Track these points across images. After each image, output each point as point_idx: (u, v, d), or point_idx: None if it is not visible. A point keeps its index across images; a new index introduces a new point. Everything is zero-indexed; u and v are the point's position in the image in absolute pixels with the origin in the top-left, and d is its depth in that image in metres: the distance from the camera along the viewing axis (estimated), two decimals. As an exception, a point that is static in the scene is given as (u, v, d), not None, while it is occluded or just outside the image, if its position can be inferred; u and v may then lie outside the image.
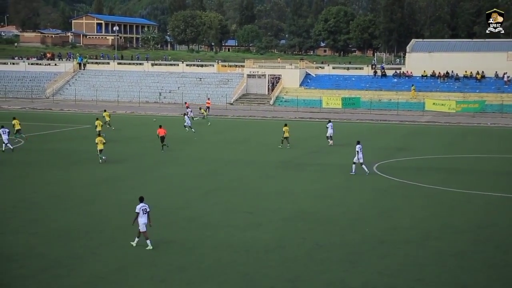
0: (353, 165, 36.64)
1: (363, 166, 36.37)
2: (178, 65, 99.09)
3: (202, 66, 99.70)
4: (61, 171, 36.83)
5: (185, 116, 57.23)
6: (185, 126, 55.28)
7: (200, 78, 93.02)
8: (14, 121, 47.67)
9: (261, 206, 28.74)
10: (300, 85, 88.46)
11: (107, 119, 56.27)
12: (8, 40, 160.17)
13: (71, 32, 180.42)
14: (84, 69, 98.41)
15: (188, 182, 34.30)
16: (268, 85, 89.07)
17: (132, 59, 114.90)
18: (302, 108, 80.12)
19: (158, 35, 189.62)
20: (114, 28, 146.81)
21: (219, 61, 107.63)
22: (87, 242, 22.65)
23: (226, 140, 51.67)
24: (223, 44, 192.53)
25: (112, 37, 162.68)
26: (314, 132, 52.06)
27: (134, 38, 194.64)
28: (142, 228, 21.95)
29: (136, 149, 45.66)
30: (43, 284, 18.79)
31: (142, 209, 22.00)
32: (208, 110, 74.62)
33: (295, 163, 40.71)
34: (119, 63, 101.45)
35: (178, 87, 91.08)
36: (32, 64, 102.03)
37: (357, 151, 36.26)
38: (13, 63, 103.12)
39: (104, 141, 39.58)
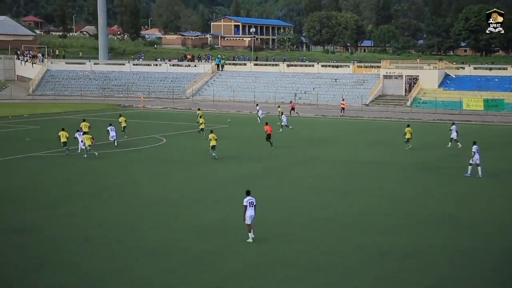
0: (469, 167, 35.62)
1: (479, 168, 35.28)
2: (313, 66, 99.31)
3: (337, 67, 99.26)
4: (200, 169, 37.95)
5: (282, 116, 57.32)
6: (282, 126, 55.71)
7: (335, 79, 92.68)
8: (120, 118, 50.78)
9: (398, 209, 28.15)
10: (439, 86, 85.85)
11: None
12: (151, 42, 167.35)
13: (209, 34, 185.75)
14: (222, 70, 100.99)
15: (325, 182, 34.24)
16: (405, 86, 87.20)
17: (267, 60, 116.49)
18: (440, 110, 77.66)
19: (294, 36, 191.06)
20: (251, 30, 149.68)
21: (355, 61, 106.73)
22: (225, 239, 23.16)
23: (362, 141, 51.11)
24: (359, 45, 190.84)
25: (249, 39, 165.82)
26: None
27: (270, 39, 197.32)
28: (248, 220, 22.57)
29: (270, 149, 46.16)
30: (185, 279, 19.40)
31: (249, 202, 22.58)
32: (343, 111, 74.20)
33: (432, 165, 39.54)
34: (255, 64, 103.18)
35: (313, 88, 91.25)
36: (173, 65, 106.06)
37: (474, 152, 35.30)
38: (156, 65, 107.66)
39: (216, 138, 41.00)
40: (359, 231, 24.45)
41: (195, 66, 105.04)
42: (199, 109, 60.99)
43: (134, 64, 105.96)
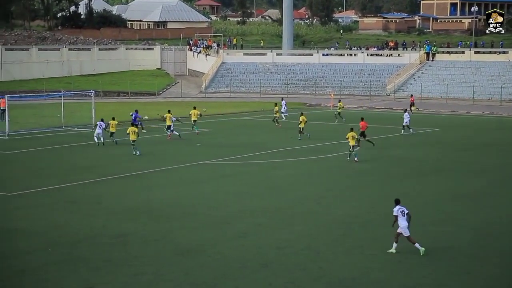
0: None
1: None
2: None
3: None
4: (403, 184, 37.45)
5: (405, 113, 55.84)
6: (404, 126, 55.14)
7: None
8: (192, 111, 55.79)
9: None
10: None
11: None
12: (345, 28, 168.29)
13: (418, 16, 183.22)
14: (432, 60, 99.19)
15: None
16: None
17: (492, 47, 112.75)
18: None
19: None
20: (472, 9, 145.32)
21: None
22: (434, 272, 22.58)
23: None
24: None
25: (469, 20, 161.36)
26: None
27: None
28: (405, 232, 24.24)
29: (498, 158, 44.81)
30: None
31: (400, 211, 24.35)
32: None
33: None
34: (476, 52, 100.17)
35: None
36: (371, 55, 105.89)
37: None
38: (350, 55, 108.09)
39: (357, 137, 42.82)
40: None
41: (398, 55, 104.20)
42: (276, 104, 61.09)
43: (323, 55, 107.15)
